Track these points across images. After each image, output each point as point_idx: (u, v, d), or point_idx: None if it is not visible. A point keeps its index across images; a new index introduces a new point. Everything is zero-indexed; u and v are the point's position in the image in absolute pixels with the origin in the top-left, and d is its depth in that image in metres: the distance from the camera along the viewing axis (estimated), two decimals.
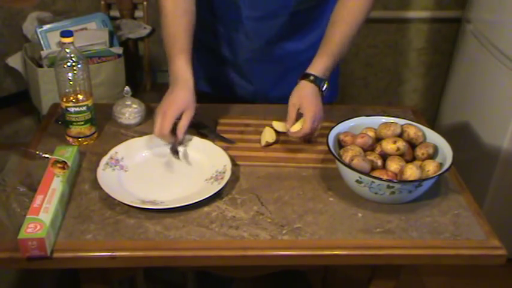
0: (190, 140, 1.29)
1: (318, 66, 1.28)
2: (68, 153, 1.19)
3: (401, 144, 1.15)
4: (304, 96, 1.25)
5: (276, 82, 1.51)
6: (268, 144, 1.30)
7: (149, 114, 1.43)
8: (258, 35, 1.39)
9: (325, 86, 1.27)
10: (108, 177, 1.15)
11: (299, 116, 1.25)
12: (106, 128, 1.37)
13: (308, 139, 1.29)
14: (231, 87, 1.54)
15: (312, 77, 1.27)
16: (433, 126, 2.52)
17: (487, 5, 2.10)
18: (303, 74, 1.29)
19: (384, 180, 1.07)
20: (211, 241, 1.02)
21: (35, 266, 0.99)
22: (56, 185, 1.09)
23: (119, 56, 2.19)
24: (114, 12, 2.39)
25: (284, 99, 1.53)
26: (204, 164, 1.23)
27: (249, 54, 1.44)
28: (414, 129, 1.20)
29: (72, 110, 1.26)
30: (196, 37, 1.31)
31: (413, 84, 2.69)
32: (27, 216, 1.00)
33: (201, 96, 1.32)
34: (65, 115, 1.27)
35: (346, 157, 1.13)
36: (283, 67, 1.48)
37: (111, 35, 2.23)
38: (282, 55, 1.44)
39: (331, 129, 1.21)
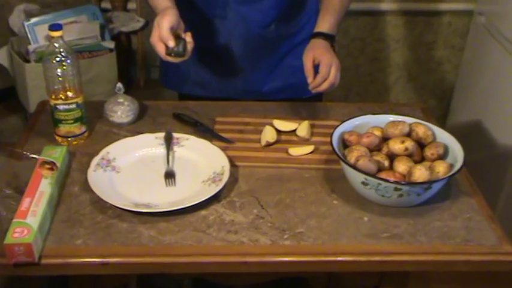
0: (186, 139, 1.29)
1: (325, 24, 1.35)
2: (56, 154, 1.19)
3: (409, 144, 1.15)
4: (318, 48, 1.31)
5: (268, 73, 1.51)
6: (268, 144, 1.31)
7: (143, 113, 1.43)
8: (247, 20, 1.40)
9: (334, 43, 1.35)
10: (100, 179, 1.16)
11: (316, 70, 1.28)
12: (97, 127, 1.38)
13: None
14: (217, 87, 1.54)
15: (321, 35, 1.34)
16: (443, 125, 2.53)
17: None
18: (312, 34, 1.36)
19: (391, 182, 1.07)
20: (208, 246, 1.03)
21: (21, 273, 0.99)
22: (44, 187, 1.09)
23: (110, 50, 2.18)
24: (106, 4, 2.39)
25: (276, 94, 1.53)
26: (201, 165, 1.23)
27: (239, 43, 1.44)
28: (423, 128, 1.20)
29: (61, 107, 1.26)
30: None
31: (422, 81, 2.69)
32: (14, 220, 1.00)
33: (186, 100, 1.33)
34: (54, 113, 1.27)
35: (351, 158, 1.13)
36: (277, 53, 1.49)
37: (103, 28, 2.23)
38: (276, 39, 1.45)
39: (335, 128, 1.21)
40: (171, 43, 1.20)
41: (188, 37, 1.24)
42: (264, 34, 1.44)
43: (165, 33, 1.20)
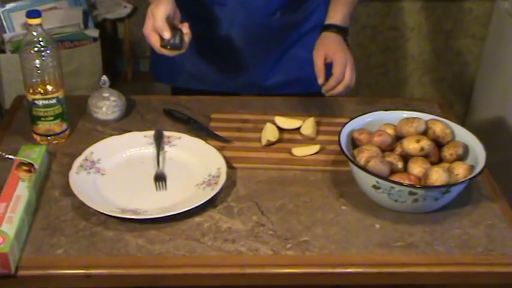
0: (178, 138, 1.29)
1: (337, 16, 1.36)
2: (35, 154, 1.19)
3: (425, 143, 1.15)
4: (330, 44, 1.31)
5: (272, 65, 1.51)
6: (269, 144, 1.31)
7: (130, 108, 1.43)
8: (249, 6, 1.40)
9: (347, 36, 1.35)
10: (83, 182, 1.16)
11: (327, 68, 1.28)
12: (80, 125, 1.38)
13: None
14: (215, 81, 1.54)
15: (333, 28, 1.34)
16: (463, 122, 2.53)
17: None
18: (323, 27, 1.36)
19: (406, 186, 1.07)
20: (203, 257, 1.03)
21: None
22: (21, 191, 1.09)
23: (94, 39, 2.19)
24: None
25: (280, 88, 1.53)
26: (195, 166, 1.23)
27: (240, 32, 1.44)
28: (441, 125, 1.20)
29: (40, 103, 1.26)
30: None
31: (440, 73, 2.70)
32: None
33: (180, 94, 1.33)
34: (32, 109, 1.27)
35: (361, 158, 1.13)
36: (282, 43, 1.49)
37: (86, 15, 2.23)
38: (280, 28, 1.45)
39: (343, 126, 1.21)
40: (167, 34, 1.20)
41: (185, 28, 1.24)
42: (268, 22, 1.44)
43: (160, 23, 1.19)
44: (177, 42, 1.21)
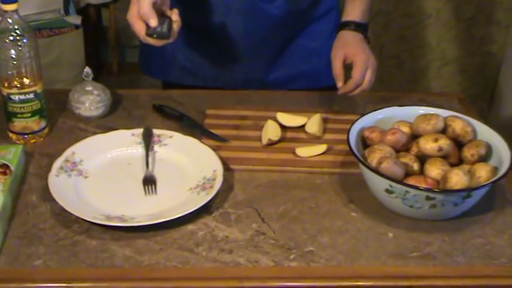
0: (170, 137, 1.29)
1: (355, 11, 1.37)
2: (10, 155, 1.20)
3: (444, 142, 1.15)
4: (349, 45, 1.32)
5: (273, 59, 1.52)
6: (271, 143, 1.31)
7: (116, 104, 1.44)
8: None
9: (368, 33, 1.36)
10: (63, 186, 1.16)
11: (346, 69, 1.30)
12: (60, 122, 1.38)
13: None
14: (210, 75, 1.54)
15: (352, 25, 1.35)
16: (486, 119, 2.53)
17: None
18: (340, 24, 1.37)
19: (422, 190, 1.07)
20: (197, 269, 1.03)
21: None
22: None
23: (76, 27, 2.19)
24: None
25: (283, 83, 1.53)
26: (188, 168, 1.23)
27: (238, 20, 1.44)
28: (461, 123, 1.20)
29: (15, 98, 1.26)
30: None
31: (460, 65, 2.70)
32: None
33: (171, 88, 1.33)
34: (7, 105, 1.27)
35: (373, 159, 1.14)
36: (285, 32, 1.49)
37: (67, 0, 2.23)
38: (284, 15, 1.45)
39: (353, 124, 1.21)
40: (153, 22, 1.20)
41: (174, 15, 1.24)
42: (269, 9, 1.44)
43: (146, 9, 1.19)
44: (165, 30, 1.21)
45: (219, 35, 1.47)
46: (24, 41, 1.22)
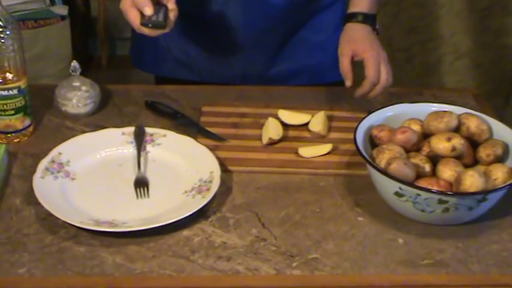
0: (163, 136, 1.29)
1: (362, 1, 1.36)
2: None
3: (458, 142, 1.15)
4: (357, 39, 1.32)
5: (275, 52, 1.52)
6: (272, 142, 1.31)
7: (106, 100, 1.44)
8: None
9: (376, 25, 1.36)
10: (49, 188, 1.16)
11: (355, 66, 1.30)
12: (45, 120, 1.38)
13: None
14: (206, 69, 1.54)
15: (359, 16, 1.35)
16: (502, 117, 2.53)
17: None
18: (346, 15, 1.36)
19: (435, 193, 1.07)
20: (192, 277, 1.03)
21: None
22: None
23: (63, 18, 2.19)
24: None
25: (285, 79, 1.52)
26: (183, 169, 1.23)
27: (237, 11, 1.44)
28: (476, 121, 1.20)
29: None
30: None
31: (474, 58, 2.70)
32: None
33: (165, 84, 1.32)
34: None
35: (382, 160, 1.14)
36: (288, 24, 1.49)
37: None
38: (286, 6, 1.45)
39: (360, 122, 1.21)
40: (149, 10, 1.20)
41: (171, 3, 1.24)
42: None
43: None
44: (161, 19, 1.21)
45: (216, 25, 1.47)
46: (7, 33, 1.22)
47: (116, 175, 1.22)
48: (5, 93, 1.26)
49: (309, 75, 1.53)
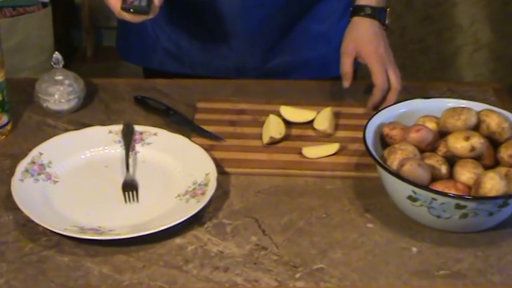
0: (154, 135, 1.29)
1: None
2: None
3: (477, 141, 1.15)
4: (363, 40, 1.33)
5: (275, 42, 1.52)
6: (273, 142, 1.31)
7: (91, 96, 1.44)
8: None
9: (387, 19, 1.37)
10: (29, 192, 1.16)
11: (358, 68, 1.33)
12: (25, 117, 1.38)
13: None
14: (199, 62, 1.54)
15: (367, 10, 1.35)
16: None
17: None
18: (353, 8, 1.37)
19: (452, 197, 1.07)
20: None
21: None
22: None
23: (44, 5, 2.19)
24: None
25: (285, 73, 1.52)
26: (176, 171, 1.23)
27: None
28: (497, 118, 1.20)
29: None
30: None
31: (496, 50, 2.70)
32: None
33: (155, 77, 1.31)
34: None
35: (394, 161, 1.14)
36: (288, 13, 1.49)
37: None
38: None
39: (370, 119, 1.21)
40: None
41: None
42: None
43: None
44: (144, 4, 1.22)
45: (209, 12, 1.47)
46: None
47: (102, 177, 1.23)
48: None
49: (311, 68, 1.53)
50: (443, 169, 1.15)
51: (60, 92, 1.37)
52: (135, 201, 1.18)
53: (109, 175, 1.23)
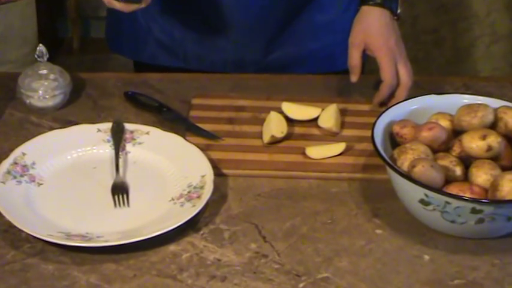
0: (146, 133, 1.29)
1: None
2: None
3: (494, 140, 1.15)
4: (372, 31, 1.34)
5: (275, 34, 1.52)
6: (274, 141, 1.31)
7: (78, 91, 1.44)
8: None
9: (398, 8, 1.38)
10: (11, 195, 1.16)
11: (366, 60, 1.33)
12: (7, 114, 1.38)
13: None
14: (194, 55, 1.54)
15: None
16: None
17: None
18: None
19: (467, 200, 1.07)
20: None
21: None
22: None
23: None
24: None
25: (287, 66, 1.53)
26: (169, 173, 1.24)
27: None
28: None
29: None
30: None
31: None
32: None
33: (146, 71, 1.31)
34: None
35: (404, 162, 1.14)
36: (289, 3, 1.49)
37: None
38: None
39: (379, 116, 1.21)
40: None
41: None
42: None
43: None
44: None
45: (205, 3, 1.47)
46: None
47: (89, 180, 1.23)
48: None
49: (315, 61, 1.53)
50: (458, 170, 1.15)
51: (44, 87, 1.37)
52: (125, 205, 1.18)
53: (97, 177, 1.23)
